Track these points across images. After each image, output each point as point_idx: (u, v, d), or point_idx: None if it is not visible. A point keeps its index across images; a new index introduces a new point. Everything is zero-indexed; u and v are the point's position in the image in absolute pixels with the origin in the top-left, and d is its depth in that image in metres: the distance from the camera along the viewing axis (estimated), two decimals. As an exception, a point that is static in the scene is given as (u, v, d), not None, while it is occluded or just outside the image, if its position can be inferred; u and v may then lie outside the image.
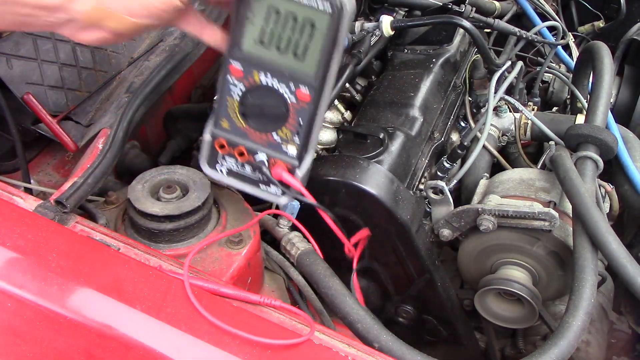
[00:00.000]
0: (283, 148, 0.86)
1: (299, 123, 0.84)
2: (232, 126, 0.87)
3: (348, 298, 0.97)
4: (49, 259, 0.82)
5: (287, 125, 0.85)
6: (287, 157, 0.87)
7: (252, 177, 0.89)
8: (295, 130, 0.85)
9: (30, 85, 1.17)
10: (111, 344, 0.79)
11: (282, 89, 0.83)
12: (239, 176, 0.90)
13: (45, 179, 1.25)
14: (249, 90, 0.85)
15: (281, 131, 0.85)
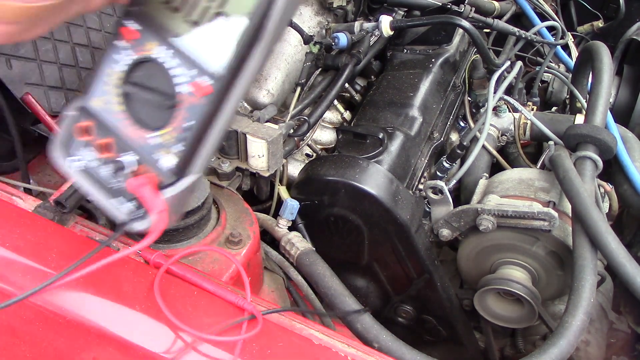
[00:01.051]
0: (155, 156, 0.63)
1: (187, 126, 0.61)
2: (107, 108, 0.64)
3: (348, 298, 0.97)
4: (48, 259, 0.82)
5: (171, 124, 0.61)
6: (158, 169, 0.63)
7: (109, 182, 0.66)
8: (180, 135, 0.61)
9: (29, 86, 1.17)
10: (111, 344, 0.79)
11: (176, 72, 0.61)
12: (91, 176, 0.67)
13: (45, 179, 1.25)
14: (138, 62, 0.63)
15: (162, 131, 0.62)
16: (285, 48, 1.38)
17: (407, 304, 1.28)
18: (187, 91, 0.60)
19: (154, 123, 0.62)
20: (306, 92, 1.30)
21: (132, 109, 0.63)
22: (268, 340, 0.79)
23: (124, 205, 0.65)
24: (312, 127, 1.20)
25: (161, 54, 0.61)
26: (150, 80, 0.62)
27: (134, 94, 0.63)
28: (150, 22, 0.61)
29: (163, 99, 0.61)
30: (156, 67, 0.61)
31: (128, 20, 0.62)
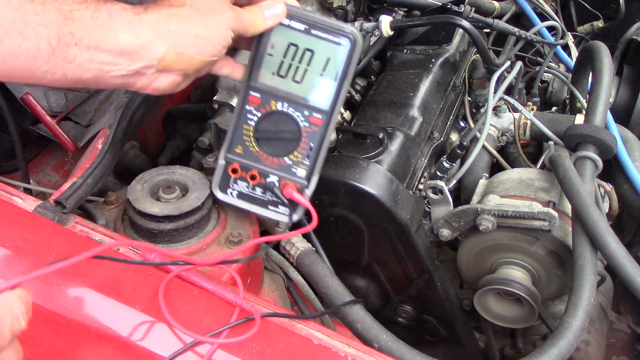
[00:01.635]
0: (293, 170, 0.93)
1: (310, 147, 0.92)
2: (246, 151, 0.93)
3: (347, 298, 0.97)
4: (48, 259, 0.82)
5: (299, 149, 0.93)
6: (297, 178, 0.93)
7: (262, 198, 0.95)
8: (306, 154, 0.93)
9: (29, 86, 1.17)
10: (111, 344, 0.79)
11: (296, 115, 0.91)
12: (248, 198, 0.96)
13: (45, 180, 1.25)
14: (264, 116, 0.92)
15: (293, 155, 0.93)
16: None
17: (407, 304, 1.27)
18: (307, 124, 0.92)
19: (285, 151, 0.93)
20: (306, 92, 1.30)
21: (264, 147, 0.93)
22: (268, 340, 0.79)
23: (280, 209, 0.96)
24: (312, 127, 1.20)
25: (282, 106, 0.91)
26: (278, 124, 0.92)
27: (264, 138, 0.93)
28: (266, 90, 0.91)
29: (291, 134, 0.92)
30: (281, 115, 0.92)
31: (250, 91, 0.91)
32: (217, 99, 1.29)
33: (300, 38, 0.88)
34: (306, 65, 0.89)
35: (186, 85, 0.87)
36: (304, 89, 0.90)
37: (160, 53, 0.78)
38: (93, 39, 0.74)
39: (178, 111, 1.44)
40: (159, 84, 0.82)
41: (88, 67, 0.75)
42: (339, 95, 0.90)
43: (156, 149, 1.44)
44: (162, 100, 1.35)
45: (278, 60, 0.90)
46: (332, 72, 0.89)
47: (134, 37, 0.76)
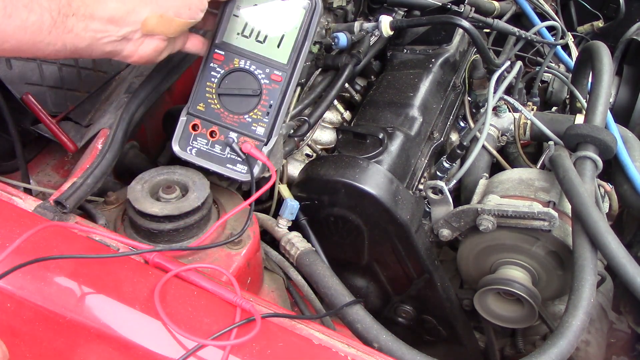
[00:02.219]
0: (253, 128, 0.98)
1: (270, 104, 0.97)
2: (208, 108, 0.99)
3: (347, 298, 0.97)
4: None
5: (259, 106, 0.97)
6: (256, 136, 0.98)
7: (220, 155, 0.99)
8: (266, 111, 0.98)
9: (29, 86, 1.17)
10: (111, 344, 0.79)
11: (257, 72, 0.97)
12: (207, 155, 1.00)
13: (45, 180, 1.25)
14: (227, 73, 0.98)
15: (253, 113, 0.98)
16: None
17: (407, 304, 1.28)
18: (268, 81, 0.97)
19: (246, 109, 0.98)
20: (306, 92, 1.30)
21: (226, 104, 0.98)
22: (268, 341, 0.79)
23: (237, 167, 0.99)
24: (312, 128, 1.19)
25: (245, 64, 0.97)
26: (239, 82, 0.98)
27: (226, 94, 0.98)
28: (230, 48, 0.98)
29: (252, 91, 0.97)
30: (242, 73, 0.97)
31: (215, 49, 0.98)
32: (217, 99, 1.29)
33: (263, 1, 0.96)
34: (268, 26, 0.96)
35: (167, 53, 0.94)
36: (266, 48, 0.97)
37: (143, 16, 0.86)
38: (88, 9, 0.82)
39: (178, 111, 1.43)
40: (144, 49, 0.89)
41: (84, 36, 0.83)
42: (300, 54, 0.96)
43: (156, 149, 1.44)
44: (162, 100, 1.35)
45: (243, 22, 0.97)
46: (294, 31, 0.96)
47: (121, 4, 0.84)
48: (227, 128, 0.98)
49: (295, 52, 0.96)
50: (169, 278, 0.83)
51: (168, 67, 1.17)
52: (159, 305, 0.78)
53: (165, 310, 0.78)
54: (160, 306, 0.77)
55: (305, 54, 0.97)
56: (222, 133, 0.98)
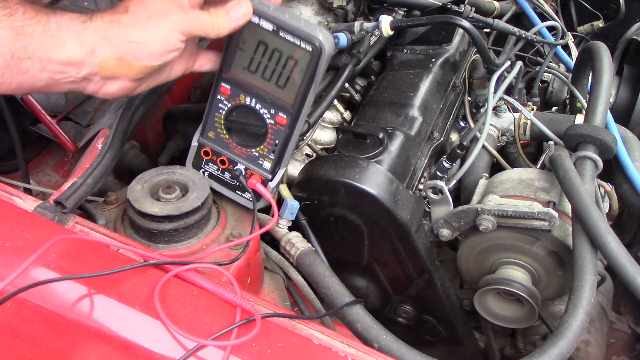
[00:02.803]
0: (260, 162, 0.99)
1: (275, 143, 0.97)
2: (217, 137, 1.00)
3: (347, 298, 0.97)
4: (48, 259, 0.82)
5: (265, 143, 0.97)
6: (262, 171, 1.00)
7: (230, 182, 1.02)
8: (272, 149, 0.98)
9: (29, 86, 1.16)
10: (111, 344, 0.79)
11: (263, 112, 0.95)
12: (218, 180, 1.03)
13: (45, 180, 1.25)
14: (234, 108, 0.97)
15: (260, 148, 0.98)
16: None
17: (407, 304, 1.28)
18: (273, 122, 0.96)
19: (253, 143, 0.98)
20: (306, 92, 1.30)
21: (234, 136, 0.99)
22: (268, 341, 0.79)
23: (246, 194, 1.01)
24: (312, 127, 1.20)
25: (251, 102, 0.95)
26: (246, 117, 0.97)
27: (234, 127, 0.98)
28: (236, 82, 0.95)
29: (258, 129, 0.97)
30: (249, 109, 0.96)
31: (221, 82, 0.96)
32: (217, 99, 1.29)
33: (269, 38, 0.90)
34: (274, 65, 0.92)
35: (144, 89, 0.89)
36: (272, 87, 0.93)
37: (99, 59, 0.81)
38: (45, 52, 0.78)
39: (178, 111, 1.44)
40: (108, 89, 0.85)
41: (40, 77, 0.79)
42: (305, 100, 0.93)
43: (156, 149, 1.44)
44: (162, 100, 1.35)
45: (249, 56, 0.93)
46: (299, 75, 0.91)
47: (79, 46, 0.79)
48: (235, 159, 1.00)
49: (300, 95, 0.93)
50: (168, 278, 0.83)
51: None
52: (158, 306, 0.78)
53: (165, 310, 0.78)
54: (160, 306, 0.78)
55: (311, 98, 0.94)
56: (231, 163, 1.00)
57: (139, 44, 0.81)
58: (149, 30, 0.82)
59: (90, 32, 0.80)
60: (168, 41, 0.83)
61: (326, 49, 0.89)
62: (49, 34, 0.78)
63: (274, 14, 0.89)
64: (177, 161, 1.33)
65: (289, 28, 0.89)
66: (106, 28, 0.81)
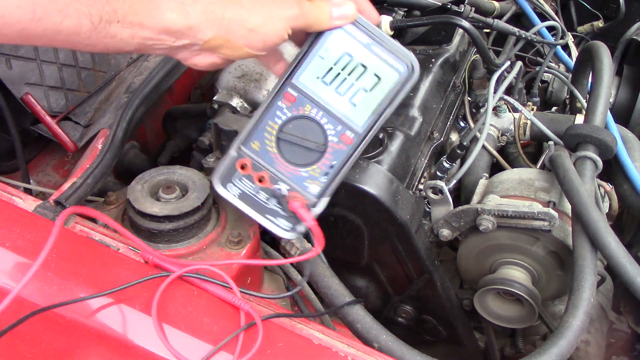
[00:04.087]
0: (306, 184, 0.88)
1: (331, 164, 0.87)
2: (262, 150, 0.87)
3: (347, 298, 0.97)
4: (48, 259, 0.82)
5: (319, 163, 0.87)
6: (308, 194, 0.88)
7: (263, 204, 0.89)
8: (325, 170, 0.87)
9: (29, 86, 1.17)
10: (111, 344, 0.79)
11: (327, 128, 0.86)
12: (249, 200, 0.90)
13: (45, 180, 1.25)
14: (294, 118, 0.86)
15: (311, 168, 0.87)
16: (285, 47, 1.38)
17: (407, 304, 1.28)
18: (336, 140, 0.86)
19: (304, 161, 0.87)
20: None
21: (283, 150, 0.87)
22: (268, 341, 0.79)
23: (278, 220, 0.89)
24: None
25: (316, 114, 0.86)
26: (304, 131, 0.86)
27: (286, 141, 0.86)
28: (304, 91, 0.86)
29: (316, 146, 0.86)
30: (311, 122, 0.86)
31: (288, 87, 0.86)
32: (217, 99, 1.29)
33: (358, 50, 0.84)
34: (355, 79, 0.85)
35: (225, 66, 0.85)
36: (344, 104, 0.86)
37: (207, 36, 0.76)
38: (137, 16, 0.72)
39: (178, 111, 1.44)
40: (200, 60, 0.80)
41: (130, 42, 0.74)
42: (378, 121, 0.86)
43: (156, 149, 1.44)
44: (162, 100, 1.35)
45: (327, 66, 0.85)
46: (379, 95, 0.85)
47: (182, 17, 0.74)
48: (278, 177, 0.88)
49: (374, 117, 0.85)
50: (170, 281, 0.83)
51: (168, 67, 1.17)
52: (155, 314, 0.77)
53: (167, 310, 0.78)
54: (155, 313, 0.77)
55: (383, 121, 0.86)
56: (272, 181, 0.88)
57: (257, 33, 0.78)
58: (268, 19, 0.78)
59: (200, 6, 0.75)
60: (281, 35, 0.80)
61: (417, 72, 0.84)
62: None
63: (371, 28, 0.84)
64: (177, 161, 1.33)
65: (385, 45, 0.83)
66: (223, 7, 0.76)
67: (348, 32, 0.83)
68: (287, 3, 0.79)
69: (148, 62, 1.26)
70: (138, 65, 1.27)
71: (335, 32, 0.83)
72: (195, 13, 0.75)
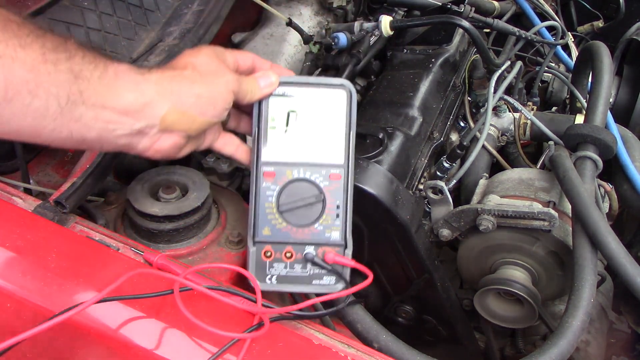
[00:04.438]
0: (327, 235, 0.90)
1: (337, 205, 0.90)
2: (274, 231, 0.90)
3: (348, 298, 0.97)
4: (48, 259, 0.82)
5: (326, 211, 0.90)
6: (334, 242, 0.91)
7: (303, 275, 0.91)
8: (335, 214, 0.90)
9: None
10: (111, 345, 0.79)
11: (315, 177, 0.90)
12: (289, 279, 0.91)
13: (45, 180, 1.25)
14: (283, 188, 0.90)
15: (322, 220, 0.90)
16: (285, 48, 1.38)
17: (407, 304, 1.28)
18: (328, 183, 0.90)
19: (314, 217, 0.90)
20: (306, 92, 1.30)
21: (291, 220, 0.89)
22: (268, 341, 0.79)
23: (324, 280, 0.90)
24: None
25: (299, 173, 0.90)
26: (298, 192, 0.90)
27: (289, 210, 0.89)
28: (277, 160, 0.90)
29: (315, 198, 0.90)
30: (299, 182, 0.90)
31: (263, 167, 0.90)
32: (217, 99, 1.29)
33: (297, 102, 0.91)
34: (311, 125, 0.91)
35: (188, 151, 0.88)
36: (316, 149, 0.91)
37: (163, 111, 0.79)
38: (100, 98, 0.75)
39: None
40: (161, 145, 0.83)
41: (93, 126, 0.76)
42: (350, 145, 0.91)
43: (156, 149, 1.43)
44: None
45: (282, 129, 0.91)
46: (337, 124, 0.91)
47: (138, 95, 0.77)
48: (302, 244, 0.90)
49: (345, 142, 0.91)
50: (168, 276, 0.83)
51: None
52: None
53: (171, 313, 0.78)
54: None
55: (354, 143, 0.92)
56: (298, 251, 0.90)
57: (205, 98, 0.82)
58: (211, 85, 0.83)
59: (151, 84, 0.79)
60: (227, 98, 0.85)
61: (353, 89, 0.91)
62: (106, 81, 0.76)
63: (296, 78, 0.92)
64: (177, 161, 1.33)
65: (315, 83, 0.91)
66: (169, 81, 0.80)
67: (280, 95, 0.91)
68: (223, 71, 0.85)
69: (148, 63, 1.26)
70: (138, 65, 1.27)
71: (272, 101, 0.90)
72: (148, 91, 0.78)
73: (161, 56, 1.25)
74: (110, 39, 1.26)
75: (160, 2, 1.37)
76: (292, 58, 1.36)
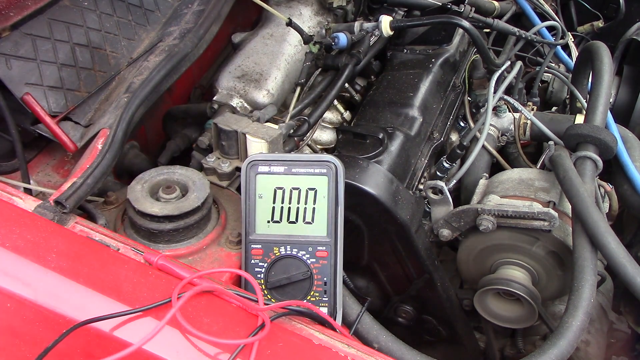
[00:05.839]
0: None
1: (324, 282, 0.93)
2: None
3: (347, 298, 0.97)
4: (48, 259, 0.82)
5: (314, 287, 0.93)
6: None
7: None
8: (323, 290, 0.93)
9: (29, 86, 1.17)
10: (111, 345, 0.79)
11: (301, 254, 0.93)
12: None
13: (45, 180, 1.25)
14: (271, 265, 0.93)
15: (311, 296, 0.93)
16: (285, 48, 1.38)
17: (407, 304, 1.27)
18: (314, 260, 0.92)
19: (302, 293, 0.93)
20: (306, 92, 1.30)
21: (281, 296, 0.92)
22: (268, 341, 0.79)
23: None
24: (312, 127, 1.20)
25: (285, 250, 0.93)
26: (286, 269, 0.93)
27: (278, 285, 0.93)
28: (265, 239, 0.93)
29: (302, 274, 0.92)
30: (287, 259, 0.93)
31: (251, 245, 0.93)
32: (217, 99, 1.29)
33: (283, 180, 0.93)
34: (296, 203, 0.93)
35: None
36: (301, 227, 0.93)
37: None
38: None
39: (178, 111, 1.44)
40: None
41: None
42: (337, 221, 0.93)
43: (156, 149, 1.44)
44: (162, 100, 1.35)
45: (269, 207, 0.93)
46: (323, 201, 0.92)
47: None
48: None
49: (332, 219, 0.93)
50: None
51: (168, 67, 1.17)
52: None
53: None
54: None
55: (341, 218, 0.93)
56: None
57: None
58: None
59: None
60: None
61: (339, 165, 0.92)
62: None
63: (281, 156, 0.94)
64: (177, 161, 1.33)
65: (299, 161, 0.92)
66: None
67: (266, 173, 0.93)
68: None
69: (148, 63, 1.26)
70: (138, 65, 1.27)
71: (259, 179, 0.93)
72: None
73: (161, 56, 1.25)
74: (110, 39, 1.26)
75: (160, 2, 1.37)
76: (292, 58, 1.36)
